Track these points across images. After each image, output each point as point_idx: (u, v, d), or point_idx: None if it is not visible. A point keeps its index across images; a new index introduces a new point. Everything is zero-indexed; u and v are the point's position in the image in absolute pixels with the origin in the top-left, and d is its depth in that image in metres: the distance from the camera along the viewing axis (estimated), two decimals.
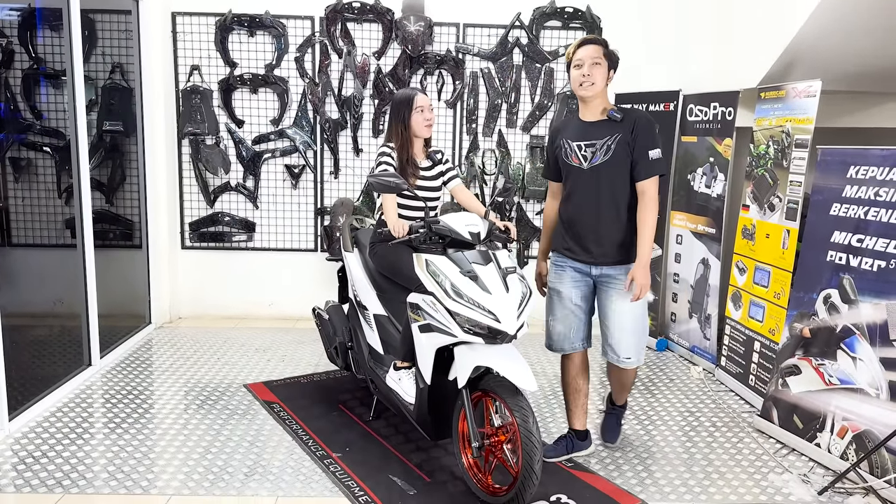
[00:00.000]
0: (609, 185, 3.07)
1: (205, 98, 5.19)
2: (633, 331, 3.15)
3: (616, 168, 3.04)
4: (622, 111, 3.08)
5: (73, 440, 3.45)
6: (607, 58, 3.05)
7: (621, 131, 3.03)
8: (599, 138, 3.06)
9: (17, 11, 4.19)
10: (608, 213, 3.08)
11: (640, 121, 3.04)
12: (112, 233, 4.94)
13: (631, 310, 3.11)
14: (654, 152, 3.01)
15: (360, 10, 5.14)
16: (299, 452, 3.39)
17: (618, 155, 3.03)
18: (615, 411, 3.60)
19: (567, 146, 3.15)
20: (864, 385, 3.22)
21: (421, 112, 3.45)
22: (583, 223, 3.13)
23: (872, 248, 3.25)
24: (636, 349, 3.19)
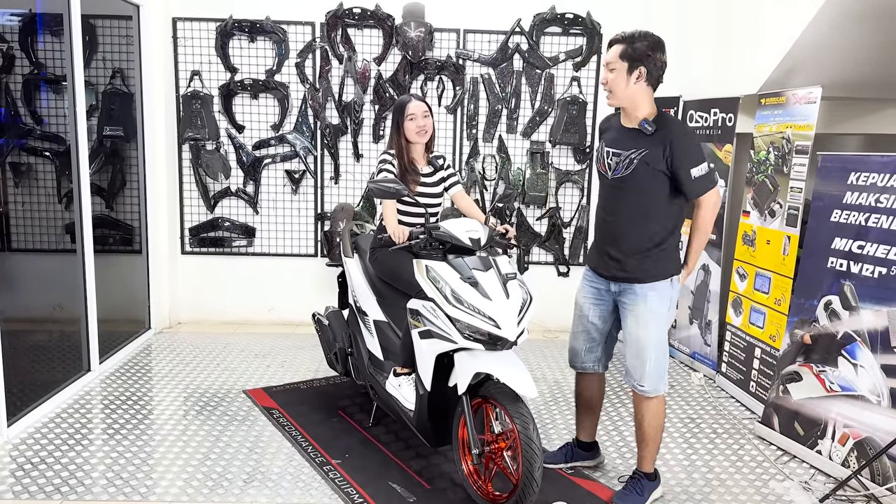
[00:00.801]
0: (630, 200, 2.84)
1: (205, 103, 5.19)
2: (650, 354, 2.90)
3: (637, 184, 2.80)
4: (658, 122, 2.78)
5: (71, 446, 3.44)
6: (626, 57, 2.74)
7: (649, 147, 2.76)
8: (626, 149, 2.82)
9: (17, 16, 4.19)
10: (629, 227, 2.86)
11: (675, 139, 2.73)
12: (112, 238, 4.93)
13: (650, 333, 2.89)
14: (696, 170, 2.75)
15: (361, 15, 5.15)
16: (298, 459, 3.38)
17: (638, 171, 2.78)
18: (636, 477, 3.09)
19: (602, 149, 2.96)
20: (866, 392, 3.21)
21: (412, 119, 3.46)
22: (605, 235, 2.96)
23: (873, 255, 3.24)
24: (652, 376, 2.93)
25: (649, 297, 2.87)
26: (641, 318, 2.89)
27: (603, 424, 3.89)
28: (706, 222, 2.85)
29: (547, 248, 5.53)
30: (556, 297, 5.47)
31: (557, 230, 5.48)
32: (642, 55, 2.74)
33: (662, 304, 2.88)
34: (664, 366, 2.97)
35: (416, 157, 3.55)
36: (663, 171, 2.75)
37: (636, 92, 2.78)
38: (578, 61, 5.28)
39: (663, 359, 2.95)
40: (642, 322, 2.89)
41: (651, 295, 2.87)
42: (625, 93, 2.79)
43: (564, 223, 5.49)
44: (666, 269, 2.88)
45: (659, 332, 2.90)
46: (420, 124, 3.48)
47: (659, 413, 3.01)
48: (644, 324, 2.88)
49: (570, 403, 4.16)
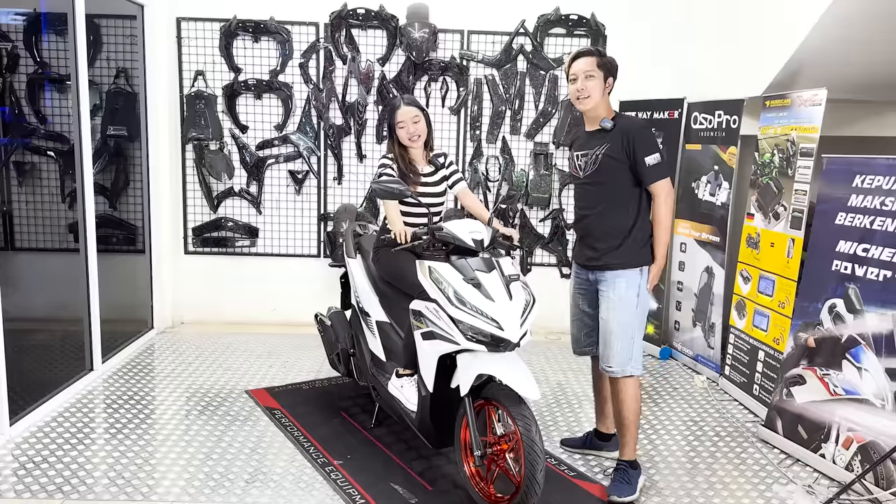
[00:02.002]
0: (599, 193, 3.10)
1: (209, 103, 5.19)
2: (617, 337, 3.08)
3: (604, 177, 3.08)
4: (615, 119, 3.08)
5: (73, 445, 3.44)
6: (603, 67, 3.03)
7: (609, 141, 3.04)
8: (591, 148, 3.10)
9: (22, 16, 4.20)
10: (600, 219, 3.11)
11: (631, 130, 3.03)
12: (115, 237, 4.94)
13: (616, 316, 3.08)
14: (650, 158, 3.00)
15: (365, 16, 5.15)
16: (300, 459, 3.37)
17: (604, 165, 3.06)
18: (621, 467, 3.16)
19: (572, 155, 3.25)
20: (870, 396, 3.20)
21: (402, 127, 3.46)
22: (583, 229, 3.23)
23: (878, 258, 3.23)
24: (620, 357, 3.09)
25: (618, 283, 3.07)
26: (611, 302, 3.09)
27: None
28: (662, 213, 3.06)
29: (550, 250, 5.53)
30: (559, 299, 5.45)
31: (560, 232, 5.48)
32: (610, 68, 3.07)
33: (630, 290, 3.07)
34: (633, 348, 3.10)
35: (416, 157, 3.54)
36: (623, 160, 3.02)
37: (604, 98, 3.09)
38: None
39: (630, 342, 3.09)
40: (611, 306, 3.09)
41: (619, 281, 3.07)
42: (600, 99, 3.06)
43: (567, 225, 5.48)
44: (634, 259, 3.08)
45: (626, 316, 3.07)
46: (411, 131, 3.46)
47: (633, 396, 3.12)
48: (612, 307, 3.08)
49: (572, 405, 4.15)
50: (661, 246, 3.11)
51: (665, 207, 3.06)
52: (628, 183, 3.06)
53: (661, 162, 3.04)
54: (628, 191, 3.08)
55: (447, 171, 3.61)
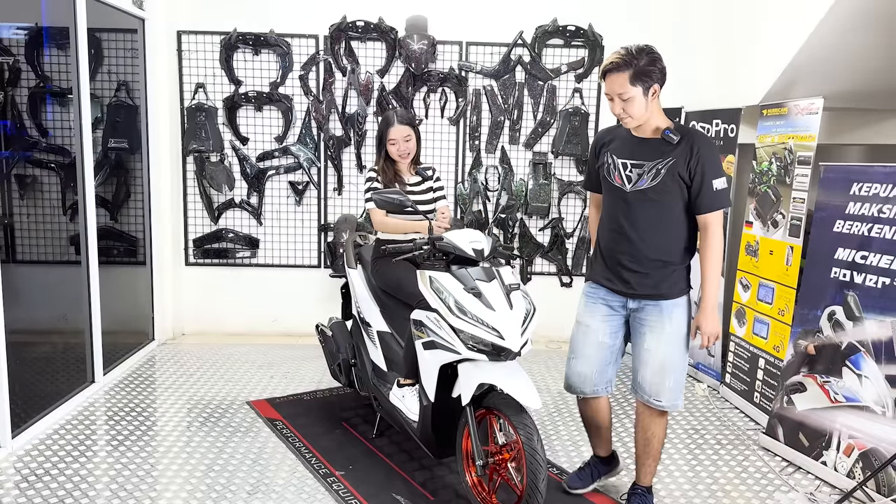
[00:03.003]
0: (652, 213, 2.75)
1: (209, 115, 5.22)
2: (673, 371, 2.83)
3: (662, 195, 2.72)
4: (680, 131, 2.72)
5: (75, 458, 3.44)
6: (639, 80, 2.65)
7: (675, 156, 2.68)
8: (649, 160, 2.72)
9: (24, 30, 4.23)
10: (651, 241, 2.76)
11: (703, 147, 2.68)
12: (116, 249, 4.95)
13: (673, 350, 2.82)
14: (718, 182, 2.67)
15: (364, 28, 5.18)
16: (302, 470, 3.37)
17: (666, 182, 2.70)
18: (638, 492, 3.05)
19: (611, 162, 2.84)
20: (870, 403, 3.20)
21: (394, 144, 3.52)
22: (622, 250, 2.82)
23: (876, 265, 3.24)
24: (670, 391, 2.84)
25: (674, 313, 2.80)
26: (665, 334, 2.80)
27: None
28: (717, 248, 2.73)
29: (550, 259, 5.54)
30: (560, 308, 5.46)
31: (560, 241, 5.49)
32: (650, 73, 2.66)
33: (684, 320, 2.83)
34: (683, 382, 2.90)
35: (401, 169, 3.62)
36: (686, 180, 2.69)
37: (655, 106, 2.73)
38: (580, 73, 5.30)
39: (683, 375, 2.89)
40: (666, 339, 2.80)
41: (676, 311, 2.80)
42: (645, 112, 2.71)
43: (567, 234, 5.50)
44: (685, 286, 2.84)
45: (681, 349, 2.85)
46: (402, 149, 3.54)
47: (665, 427, 3.00)
48: (669, 341, 2.80)
49: (574, 415, 4.15)
50: (712, 286, 2.75)
51: (719, 242, 2.73)
52: (684, 204, 2.73)
53: (727, 188, 2.73)
54: (684, 212, 2.76)
55: (434, 185, 3.66)
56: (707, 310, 2.76)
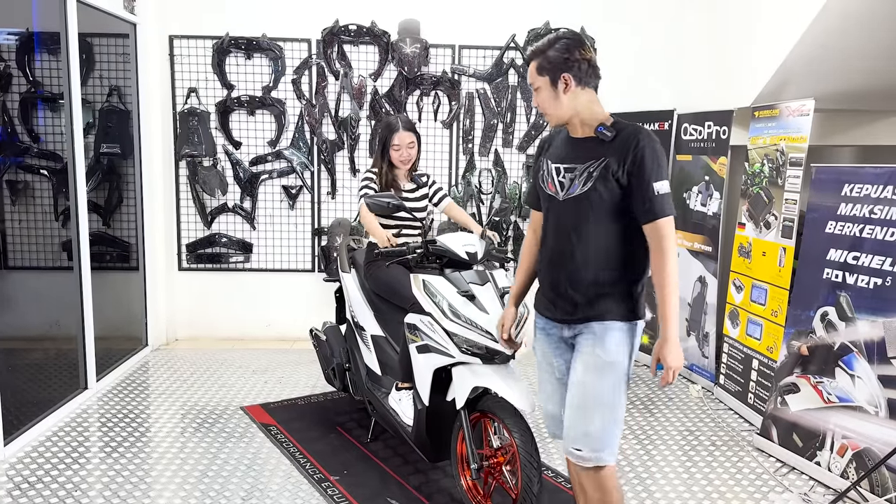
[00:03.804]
0: (590, 221, 2.30)
1: (202, 120, 5.21)
2: (591, 410, 2.29)
3: (596, 201, 2.28)
4: (616, 127, 2.29)
5: (68, 465, 3.42)
6: (547, 70, 2.30)
7: (609, 155, 2.25)
8: (582, 162, 2.31)
9: (15, 35, 4.22)
10: (587, 257, 2.29)
11: (643, 145, 2.22)
12: (109, 255, 4.94)
13: (599, 383, 2.29)
14: (660, 185, 2.21)
15: (357, 32, 5.18)
16: (297, 475, 3.36)
17: (597, 187, 2.26)
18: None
19: (546, 167, 2.42)
20: (863, 403, 3.21)
21: (397, 150, 3.53)
22: (559, 270, 2.37)
23: (868, 266, 3.26)
24: (594, 438, 2.28)
25: (608, 339, 2.29)
26: (592, 362, 2.30)
27: None
28: (671, 264, 2.22)
29: None
30: None
31: None
32: (560, 62, 2.28)
33: (622, 349, 2.30)
34: (615, 432, 2.31)
35: (398, 175, 3.64)
36: (621, 182, 2.23)
37: (572, 101, 2.30)
38: None
39: (615, 423, 2.30)
40: (593, 368, 2.29)
41: (610, 337, 2.29)
42: (559, 109, 2.33)
43: None
44: (629, 309, 2.31)
45: (615, 387, 2.29)
46: (404, 155, 3.56)
47: (606, 491, 2.33)
48: (595, 369, 2.29)
49: None
50: (671, 309, 2.22)
51: (671, 256, 2.22)
52: (620, 211, 2.27)
53: (669, 193, 2.25)
54: (619, 221, 2.29)
55: (429, 190, 3.68)
56: (670, 339, 2.22)
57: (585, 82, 2.31)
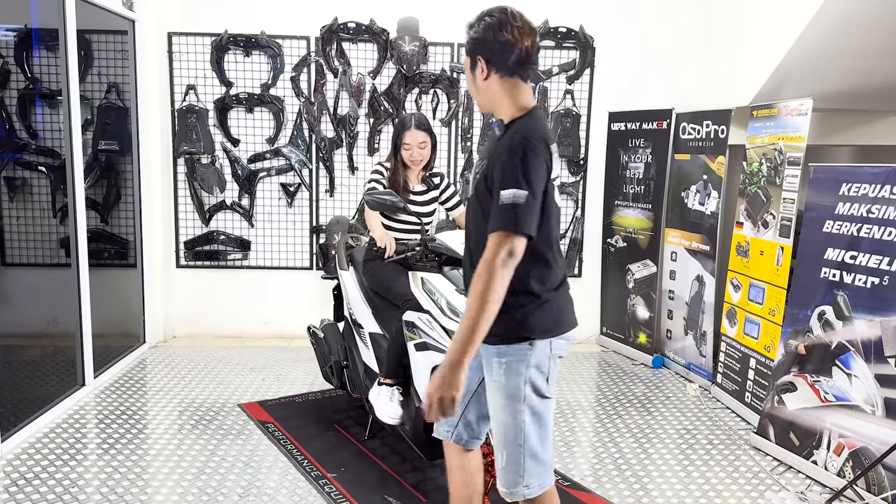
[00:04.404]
0: (473, 228, 2.17)
1: (200, 117, 5.20)
2: (499, 444, 2.15)
3: (473, 206, 2.15)
4: (510, 125, 2.09)
5: (66, 461, 3.42)
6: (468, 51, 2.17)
7: (492, 156, 2.06)
8: (482, 159, 2.17)
9: (13, 32, 4.21)
10: (473, 265, 2.01)
11: (509, 146, 1.99)
12: (107, 252, 4.93)
13: (496, 414, 2.14)
14: (506, 193, 1.92)
15: (356, 30, 5.18)
16: (294, 473, 3.36)
17: (479, 190, 2.11)
18: None
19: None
20: (860, 402, 3.22)
21: (407, 150, 3.47)
22: (466, 278, 2.21)
23: (866, 265, 3.26)
24: (505, 473, 2.15)
25: (493, 364, 2.11)
26: (490, 391, 2.14)
27: (598, 434, 3.90)
28: (479, 280, 1.91)
29: None
30: None
31: None
32: (477, 44, 2.09)
33: (513, 375, 2.07)
34: (524, 465, 2.11)
35: (410, 175, 3.57)
36: (490, 187, 2.03)
37: (489, 88, 2.10)
38: (571, 74, 5.32)
39: (518, 454, 2.10)
40: (491, 398, 2.14)
41: (496, 362, 2.10)
42: (478, 94, 2.15)
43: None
44: (519, 326, 2.07)
45: (514, 414, 2.08)
46: (415, 155, 3.47)
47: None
48: (492, 400, 2.14)
49: (566, 415, 4.16)
50: (462, 334, 1.92)
51: (484, 274, 1.90)
52: None
53: (519, 206, 1.91)
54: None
55: (440, 194, 3.63)
56: (444, 363, 1.93)
57: (504, 70, 2.06)
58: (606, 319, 5.55)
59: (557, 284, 2.14)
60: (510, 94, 2.09)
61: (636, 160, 5.15)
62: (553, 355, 2.13)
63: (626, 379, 4.83)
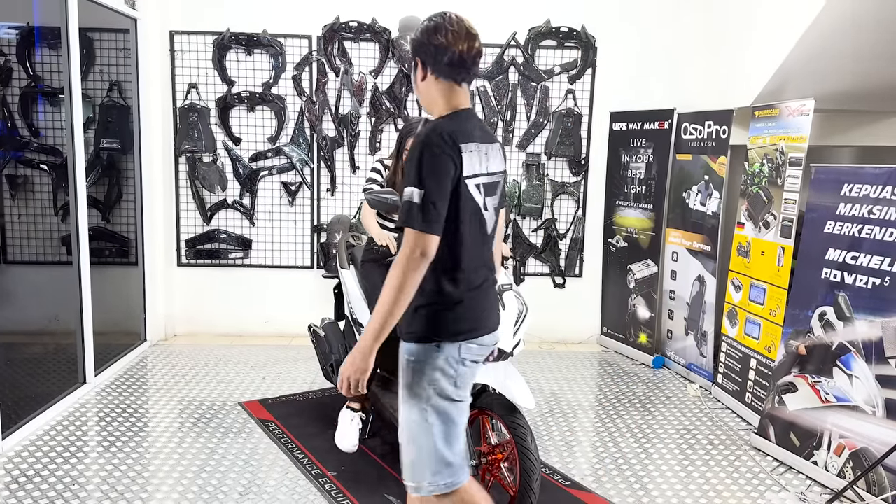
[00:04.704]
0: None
1: (202, 116, 5.21)
2: (404, 442, 2.18)
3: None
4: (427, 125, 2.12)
5: (66, 459, 3.42)
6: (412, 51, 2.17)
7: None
8: None
9: (15, 30, 4.21)
10: None
11: (414, 145, 2.05)
12: (108, 250, 4.94)
13: (401, 409, 2.16)
14: (406, 192, 1.98)
15: (358, 29, 5.18)
16: (294, 471, 3.37)
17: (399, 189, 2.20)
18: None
19: None
20: (861, 402, 3.22)
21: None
22: None
23: (867, 266, 3.26)
24: (407, 468, 2.18)
25: (402, 361, 2.14)
26: (399, 387, 2.17)
27: (598, 434, 3.90)
28: (395, 272, 1.97)
29: (543, 260, 5.55)
30: (552, 309, 5.49)
31: (553, 242, 5.50)
32: (416, 45, 2.13)
33: (418, 375, 2.09)
34: (425, 461, 2.13)
35: None
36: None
37: (426, 89, 2.15)
38: (573, 74, 5.32)
39: (418, 450, 2.14)
40: (400, 393, 2.17)
41: (405, 360, 2.13)
42: (419, 93, 2.19)
43: (560, 234, 5.51)
44: (427, 327, 2.09)
45: (417, 413, 2.11)
46: None
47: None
48: (400, 396, 2.16)
49: (566, 415, 4.16)
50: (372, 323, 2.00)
51: (396, 269, 1.97)
52: None
53: (417, 203, 1.95)
54: None
55: None
56: (355, 348, 2.05)
57: (439, 72, 2.10)
58: (607, 319, 5.55)
59: (474, 286, 2.14)
60: (444, 96, 2.13)
61: (637, 160, 5.15)
62: (463, 359, 2.12)
63: (627, 379, 4.83)
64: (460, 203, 2.04)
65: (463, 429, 2.18)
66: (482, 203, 2.12)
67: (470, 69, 2.12)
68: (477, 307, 2.15)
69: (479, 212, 2.12)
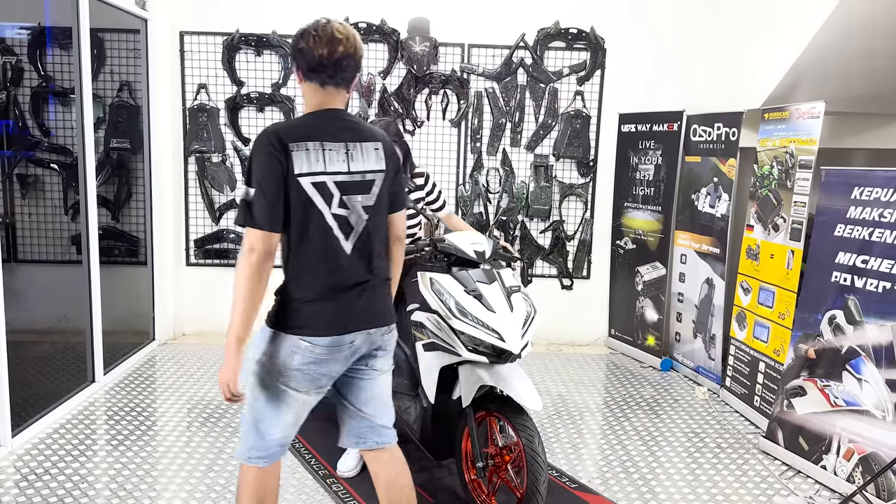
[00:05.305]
0: None
1: (211, 116, 5.22)
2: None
3: None
4: None
5: (75, 457, 3.44)
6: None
7: None
8: None
9: (27, 30, 4.24)
10: None
11: None
12: (118, 249, 4.96)
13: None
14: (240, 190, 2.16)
15: (367, 30, 5.19)
16: (302, 471, 3.37)
17: None
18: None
19: None
20: (870, 407, 3.20)
21: None
22: None
23: (877, 270, 3.24)
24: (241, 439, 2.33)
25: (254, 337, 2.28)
26: None
27: (605, 437, 3.89)
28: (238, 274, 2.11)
29: (550, 261, 5.54)
30: (560, 310, 5.48)
31: (561, 243, 5.49)
32: (291, 49, 2.23)
33: (251, 349, 2.25)
34: (247, 434, 2.29)
35: None
36: None
37: (302, 90, 2.25)
38: (582, 75, 5.31)
39: (245, 423, 2.30)
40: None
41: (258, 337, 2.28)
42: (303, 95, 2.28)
43: (568, 236, 5.50)
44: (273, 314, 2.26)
45: (249, 386, 2.25)
46: None
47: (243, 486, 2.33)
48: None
49: (573, 417, 4.16)
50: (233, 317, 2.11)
51: (240, 268, 2.11)
52: None
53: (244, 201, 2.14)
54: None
55: (426, 195, 3.57)
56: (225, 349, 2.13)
57: (304, 74, 2.19)
58: (615, 321, 5.54)
59: (326, 290, 2.21)
60: (311, 97, 2.22)
61: (646, 162, 5.14)
62: (297, 352, 2.20)
63: (635, 381, 4.82)
64: (291, 201, 2.13)
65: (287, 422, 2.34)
66: (327, 201, 2.16)
67: (333, 73, 2.16)
68: (329, 312, 2.21)
69: (317, 209, 2.16)
